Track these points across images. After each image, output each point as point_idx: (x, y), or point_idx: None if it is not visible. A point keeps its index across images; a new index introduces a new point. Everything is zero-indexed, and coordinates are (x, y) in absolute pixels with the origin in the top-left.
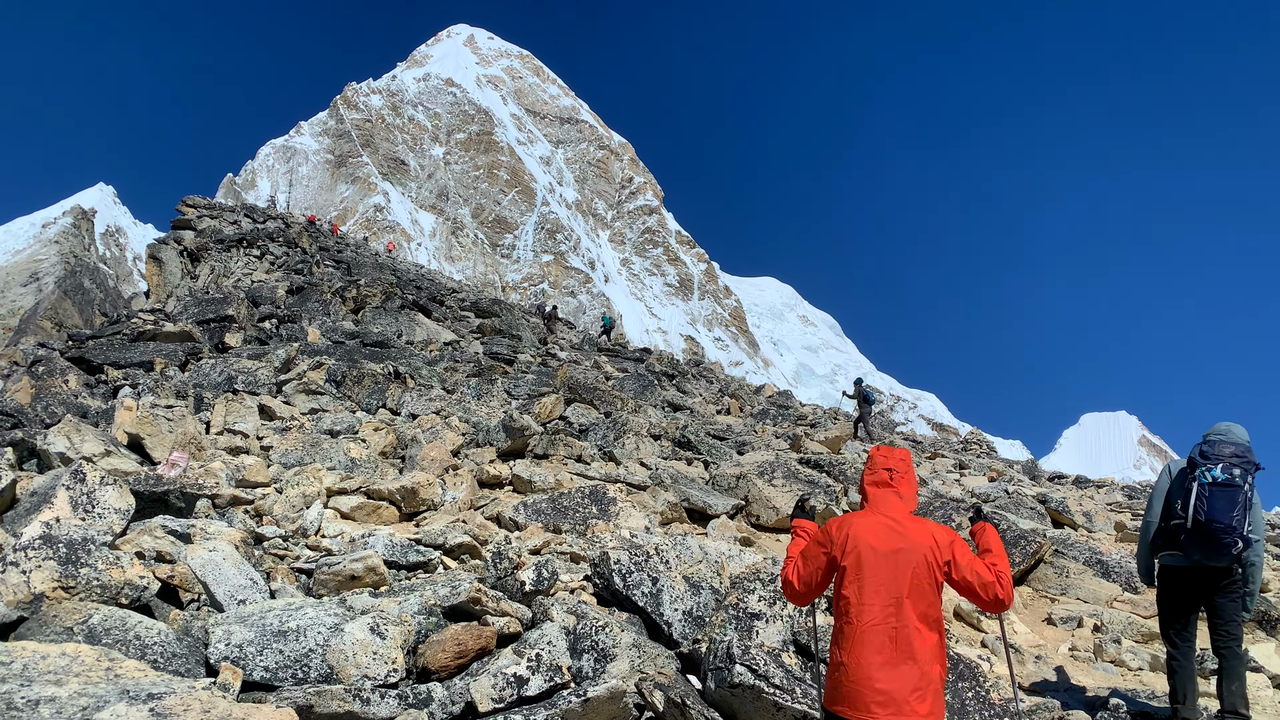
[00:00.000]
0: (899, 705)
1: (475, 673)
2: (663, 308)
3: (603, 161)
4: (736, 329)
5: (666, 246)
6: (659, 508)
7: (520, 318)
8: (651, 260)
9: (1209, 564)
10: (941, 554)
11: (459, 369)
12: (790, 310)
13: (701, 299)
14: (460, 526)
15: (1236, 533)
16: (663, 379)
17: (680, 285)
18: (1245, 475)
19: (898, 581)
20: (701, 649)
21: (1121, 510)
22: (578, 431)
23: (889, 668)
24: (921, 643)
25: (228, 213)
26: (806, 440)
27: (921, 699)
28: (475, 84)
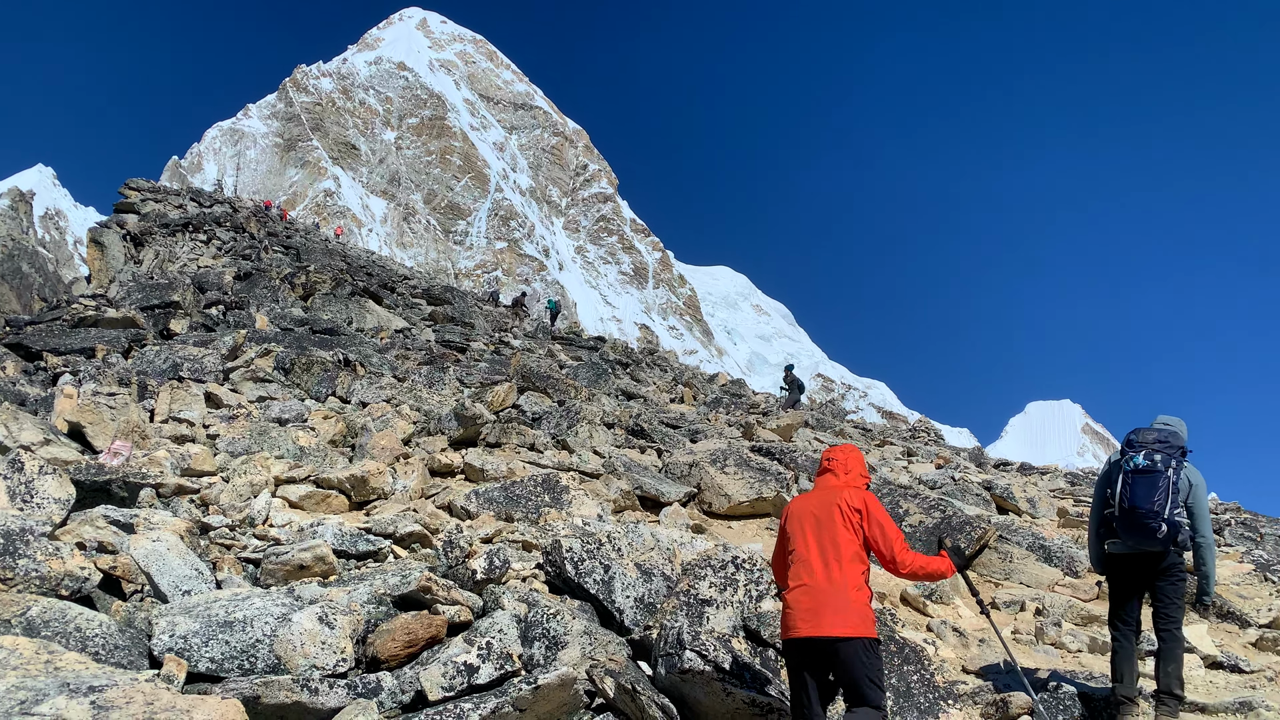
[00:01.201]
0: (818, 620)
1: (425, 661)
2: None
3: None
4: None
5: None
6: (612, 496)
7: (473, 305)
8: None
9: (1143, 549)
10: (853, 502)
11: (410, 357)
12: (744, 299)
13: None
14: (411, 515)
15: (1159, 516)
16: (617, 367)
17: (635, 273)
18: (1167, 461)
19: (821, 527)
20: (653, 635)
21: (1064, 496)
22: (531, 420)
23: (812, 592)
24: (839, 572)
25: (173, 196)
26: (759, 428)
27: (838, 614)
28: (428, 68)
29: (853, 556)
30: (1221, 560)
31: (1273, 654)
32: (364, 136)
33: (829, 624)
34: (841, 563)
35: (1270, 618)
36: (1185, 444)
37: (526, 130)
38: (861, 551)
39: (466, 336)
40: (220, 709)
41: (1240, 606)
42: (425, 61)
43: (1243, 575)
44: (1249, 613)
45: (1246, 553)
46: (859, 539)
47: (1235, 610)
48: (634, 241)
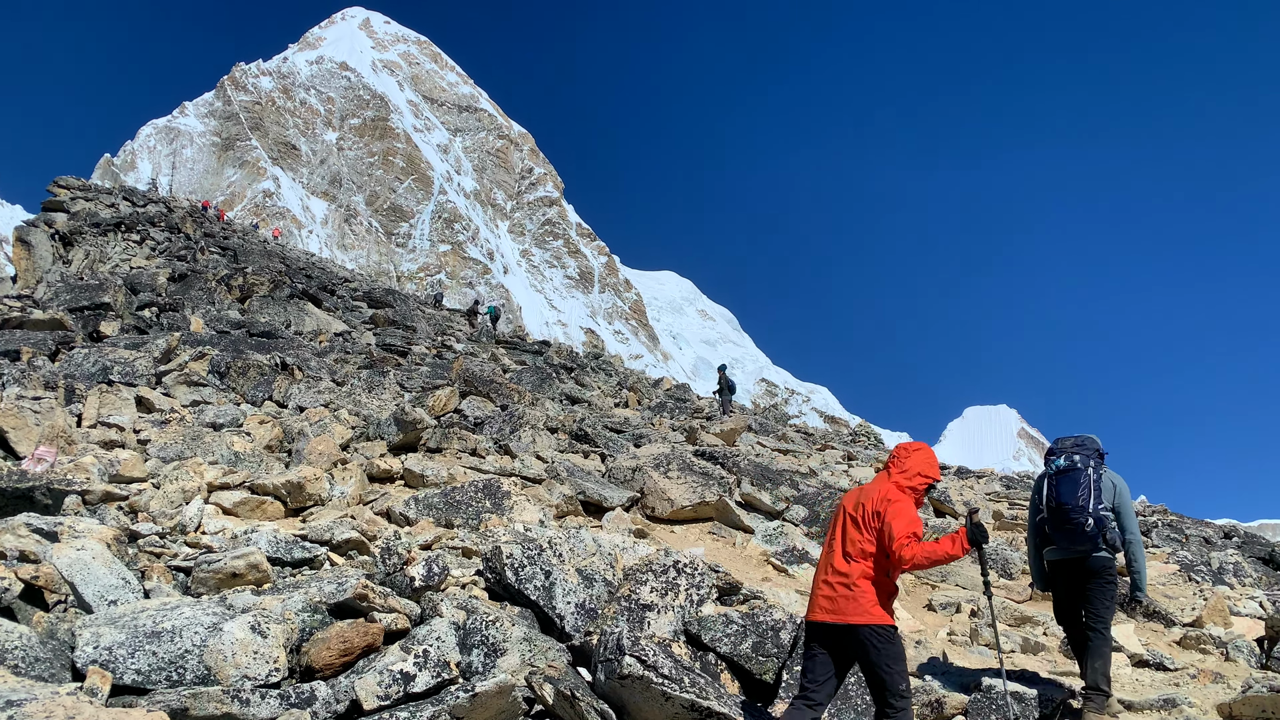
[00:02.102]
0: (831, 607)
1: (361, 670)
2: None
3: (502, 151)
4: (637, 322)
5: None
6: (554, 501)
7: (415, 308)
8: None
9: (1076, 550)
10: (877, 506)
11: (350, 360)
12: (690, 304)
13: (602, 292)
14: (348, 522)
15: (1085, 511)
16: (561, 372)
17: (581, 278)
18: (1085, 460)
19: (850, 522)
20: (593, 641)
21: (999, 500)
22: (473, 425)
23: (825, 584)
24: (849, 565)
25: (105, 195)
26: (703, 433)
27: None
28: (370, 69)
29: (860, 553)
30: (1148, 561)
31: (1196, 652)
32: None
33: (838, 612)
34: (852, 557)
35: (1194, 617)
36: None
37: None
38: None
39: (408, 340)
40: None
41: (1166, 606)
42: (368, 62)
43: (1168, 576)
44: (1174, 612)
45: (1172, 554)
46: (873, 535)
47: (1161, 610)
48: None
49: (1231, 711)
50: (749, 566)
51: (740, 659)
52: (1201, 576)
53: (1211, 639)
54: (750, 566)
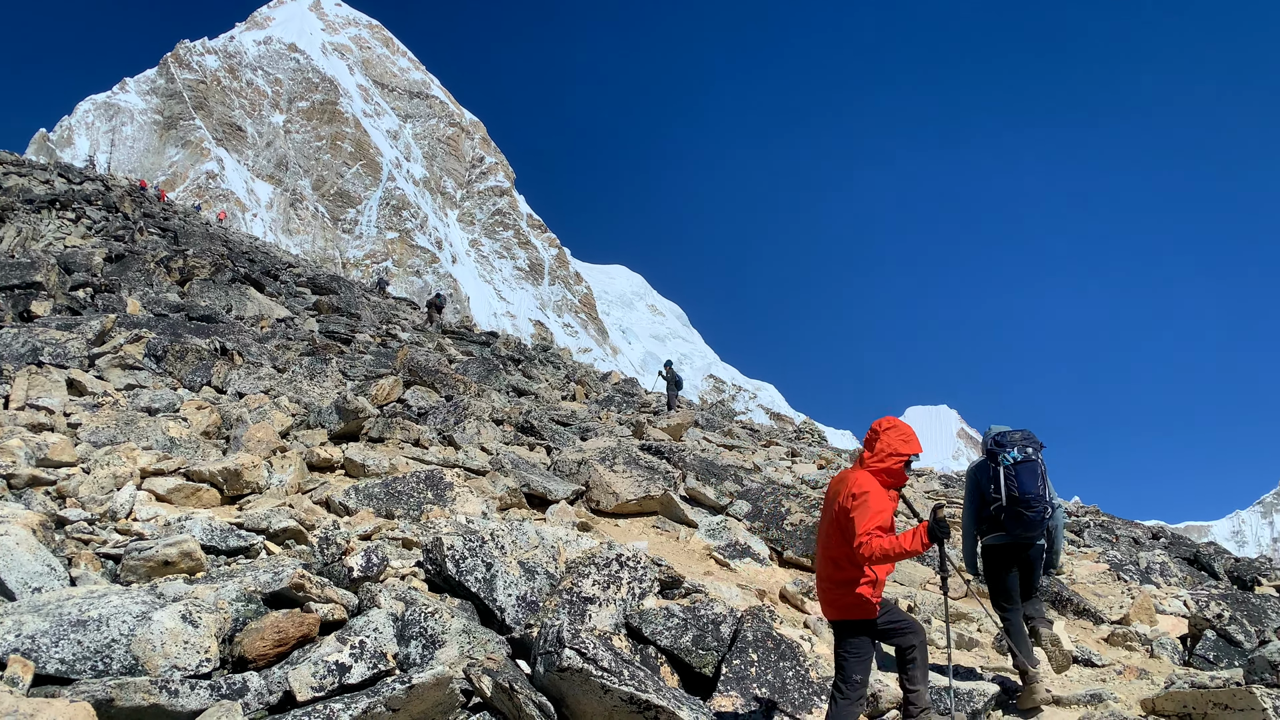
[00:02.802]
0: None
1: (295, 661)
2: (512, 291)
3: (453, 139)
4: (586, 315)
5: (517, 229)
6: (498, 493)
7: (360, 296)
8: (501, 243)
9: (1026, 536)
10: (844, 501)
11: (292, 347)
12: (640, 299)
13: (552, 284)
14: (286, 511)
15: (1043, 500)
16: (508, 363)
17: (530, 269)
18: (1037, 452)
19: (826, 522)
20: (533, 634)
21: (938, 498)
22: (416, 415)
23: (818, 580)
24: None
25: (39, 170)
26: (649, 427)
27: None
28: (320, 51)
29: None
30: (1079, 560)
31: (1123, 649)
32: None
33: (827, 605)
34: (831, 557)
35: (1121, 615)
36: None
37: (422, 119)
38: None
39: (352, 328)
40: (68, 712)
41: (1095, 604)
42: (318, 44)
43: (1098, 575)
44: (1103, 610)
45: (1102, 553)
46: (844, 533)
47: (1090, 608)
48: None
49: (1154, 707)
50: (692, 560)
51: (681, 652)
52: (1130, 576)
53: (1138, 636)
54: (693, 560)
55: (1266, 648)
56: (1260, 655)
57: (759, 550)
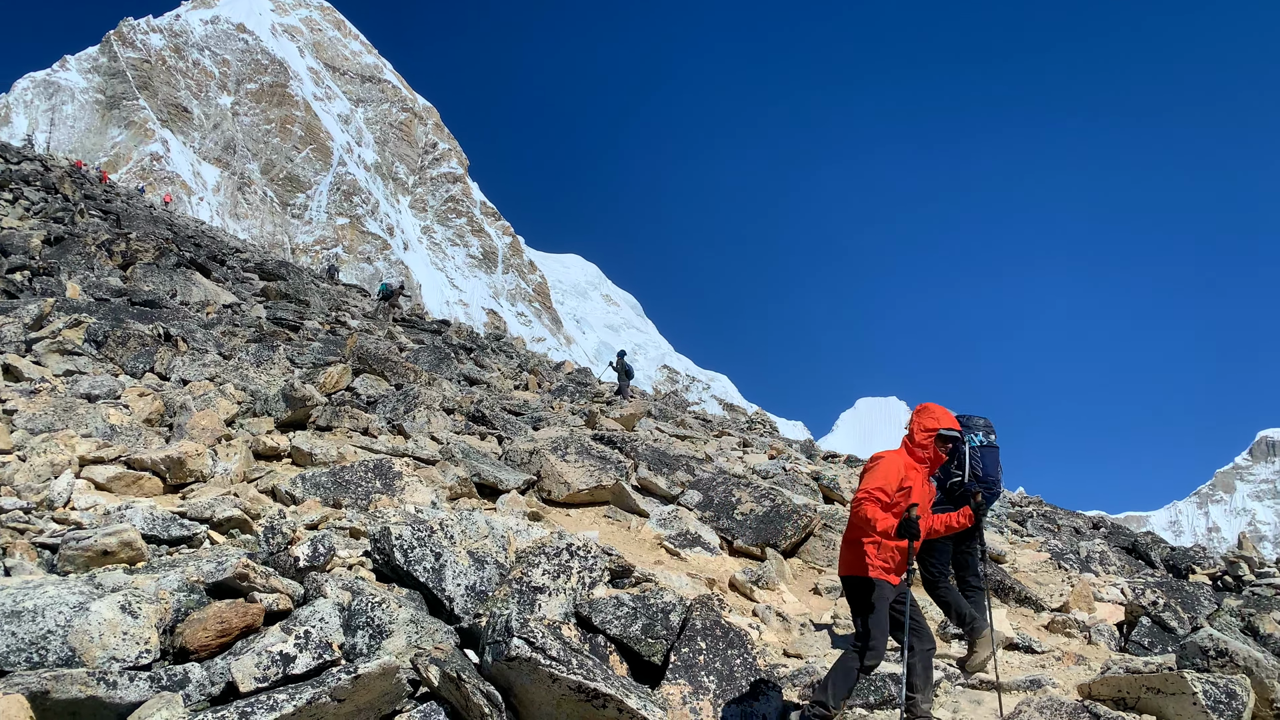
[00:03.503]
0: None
1: (239, 651)
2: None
3: (405, 124)
4: (540, 305)
5: (470, 217)
6: (448, 483)
7: (309, 282)
8: (454, 230)
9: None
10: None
11: (238, 334)
12: (594, 289)
13: (505, 272)
14: (231, 500)
15: (1000, 485)
16: (460, 352)
17: (484, 257)
18: (995, 439)
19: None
20: (482, 624)
21: None
22: (365, 403)
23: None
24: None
25: None
26: (602, 417)
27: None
28: (270, 32)
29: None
30: (1022, 549)
31: (1062, 635)
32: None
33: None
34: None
35: (1061, 602)
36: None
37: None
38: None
39: (300, 315)
40: (1, 705)
41: (1036, 592)
42: (267, 25)
43: (1040, 563)
44: (1044, 598)
45: (1044, 543)
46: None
47: (1032, 596)
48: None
49: (1090, 691)
50: (643, 550)
51: (630, 641)
52: (1070, 564)
53: (1076, 623)
54: (644, 550)
55: (1198, 634)
56: (1192, 641)
57: (710, 540)
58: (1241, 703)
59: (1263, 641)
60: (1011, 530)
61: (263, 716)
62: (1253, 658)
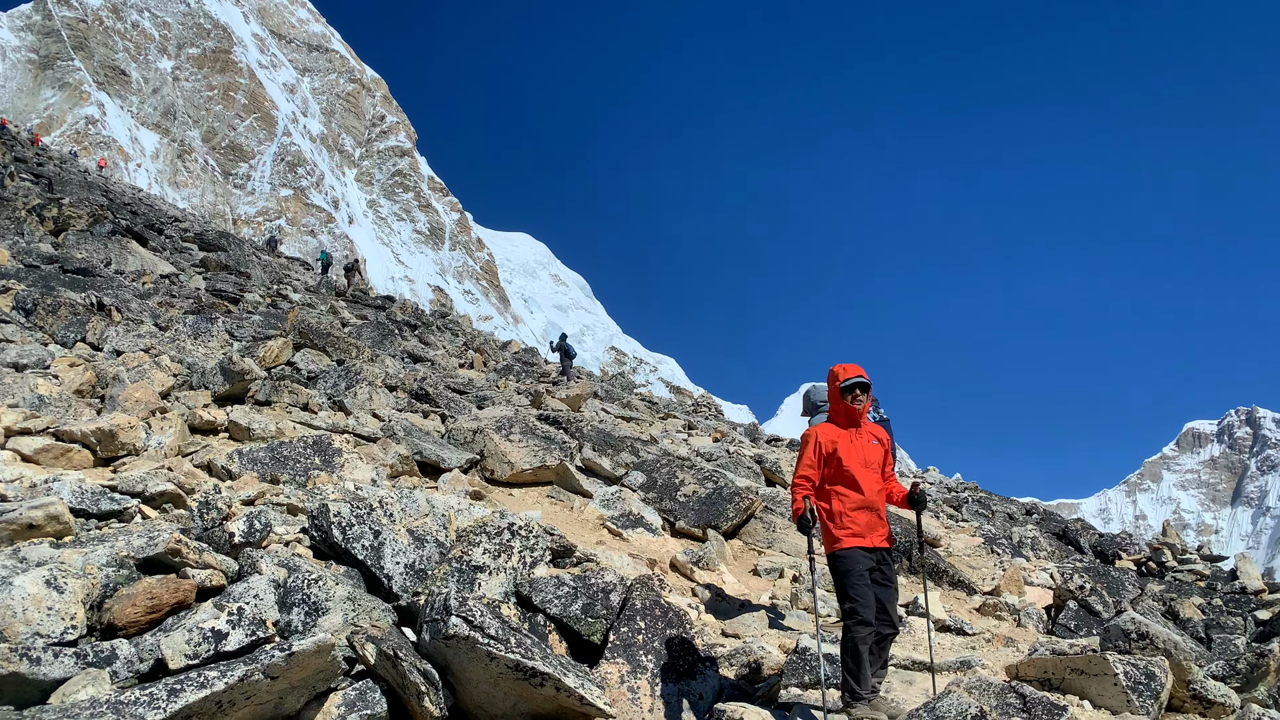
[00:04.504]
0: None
1: (169, 628)
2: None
3: (353, 96)
4: (488, 283)
5: (418, 192)
6: (389, 460)
7: (251, 254)
8: (401, 205)
9: None
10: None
11: (175, 305)
12: (543, 268)
13: (453, 249)
14: (164, 474)
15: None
16: (405, 329)
17: (431, 233)
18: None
19: None
20: (420, 602)
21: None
22: (306, 379)
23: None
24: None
25: None
26: (548, 397)
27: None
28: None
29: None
30: (956, 534)
31: (993, 618)
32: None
33: None
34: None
35: (993, 586)
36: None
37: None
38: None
39: (241, 287)
40: None
41: (969, 576)
42: None
43: (973, 548)
44: (976, 581)
45: (978, 528)
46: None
47: (965, 579)
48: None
49: (1018, 672)
50: (585, 530)
51: (569, 620)
52: (1002, 549)
53: (1007, 606)
54: (586, 530)
55: (1121, 617)
56: (1115, 624)
57: (652, 520)
58: (1160, 683)
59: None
60: (947, 515)
61: (192, 694)
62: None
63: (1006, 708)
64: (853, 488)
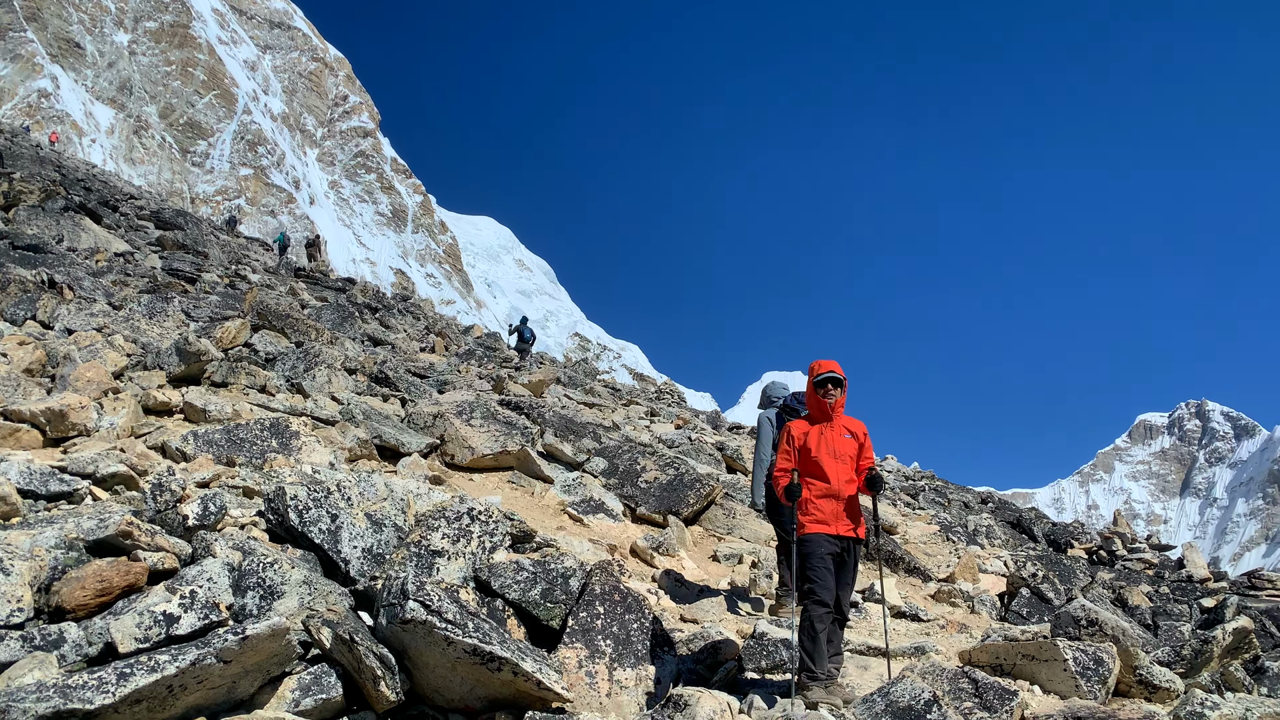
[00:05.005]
0: None
1: (119, 611)
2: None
3: (315, 75)
4: (451, 267)
5: (381, 173)
6: (348, 444)
7: (209, 233)
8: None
9: None
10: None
11: (130, 283)
12: (507, 253)
13: (415, 232)
14: (116, 455)
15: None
16: (365, 311)
17: (393, 215)
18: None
19: None
20: (378, 586)
21: None
22: (264, 360)
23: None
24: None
25: None
26: (510, 382)
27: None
28: None
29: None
30: (913, 521)
31: (947, 605)
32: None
33: None
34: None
35: (948, 573)
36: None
37: (282, 51)
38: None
39: (198, 267)
40: None
41: (925, 563)
42: None
43: (930, 535)
44: (932, 568)
45: (935, 516)
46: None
47: (920, 566)
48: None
49: (971, 658)
50: (546, 516)
51: (528, 605)
52: (958, 537)
53: (961, 593)
54: (547, 516)
55: (1071, 604)
56: (1065, 611)
57: (613, 506)
58: (1107, 669)
59: (1130, 612)
60: (904, 503)
61: (143, 677)
62: (1120, 627)
63: (959, 692)
64: (819, 477)
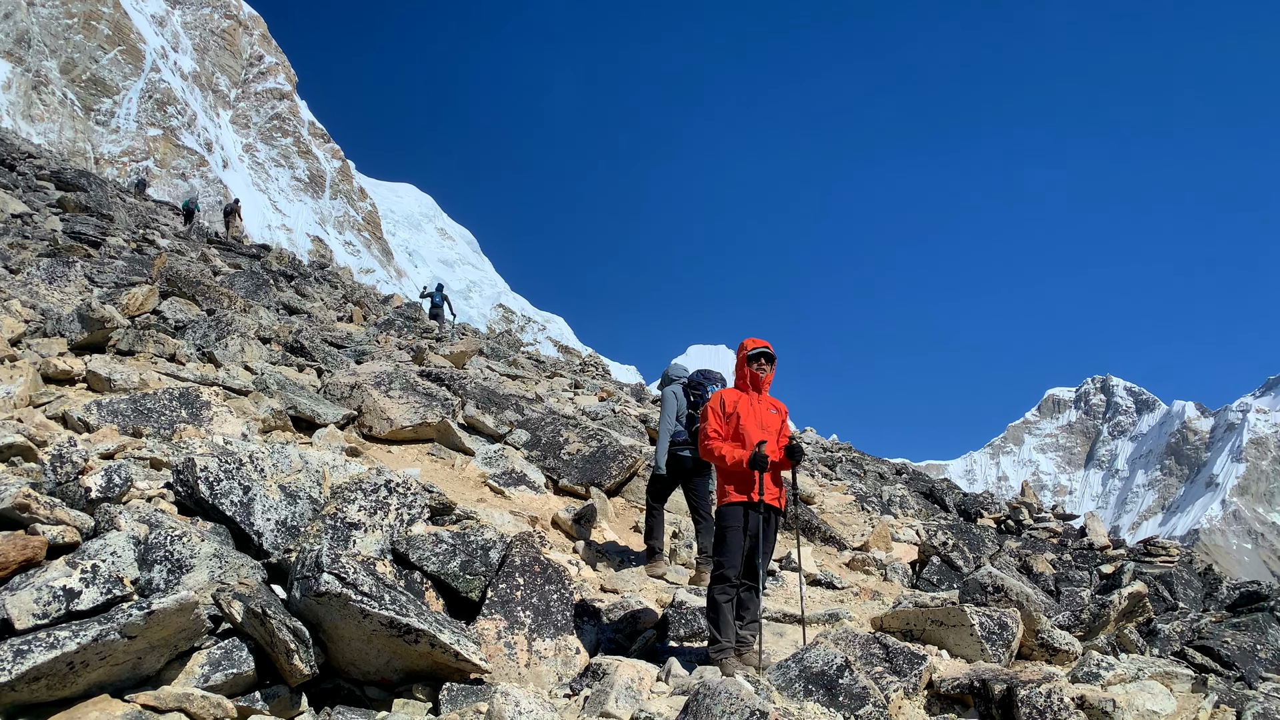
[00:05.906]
0: None
1: (16, 587)
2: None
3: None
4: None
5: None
6: (261, 415)
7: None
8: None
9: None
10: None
11: (29, 246)
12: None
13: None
14: (14, 425)
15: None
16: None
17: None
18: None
19: None
20: (292, 559)
21: None
22: (174, 328)
23: None
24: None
25: None
26: (431, 353)
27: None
28: None
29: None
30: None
31: (861, 573)
32: None
33: None
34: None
35: (862, 542)
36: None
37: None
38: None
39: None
40: None
41: (840, 532)
42: None
43: (845, 505)
44: (846, 537)
45: (851, 486)
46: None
47: (836, 535)
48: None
49: (882, 624)
50: (466, 488)
51: (448, 577)
52: (873, 507)
53: (875, 562)
54: (468, 488)
55: (979, 572)
56: (973, 578)
57: (535, 478)
58: (1011, 633)
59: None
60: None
61: (41, 654)
62: (1024, 593)
63: (870, 658)
64: (746, 445)
